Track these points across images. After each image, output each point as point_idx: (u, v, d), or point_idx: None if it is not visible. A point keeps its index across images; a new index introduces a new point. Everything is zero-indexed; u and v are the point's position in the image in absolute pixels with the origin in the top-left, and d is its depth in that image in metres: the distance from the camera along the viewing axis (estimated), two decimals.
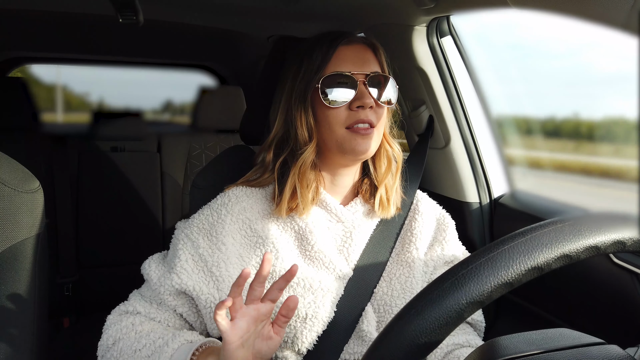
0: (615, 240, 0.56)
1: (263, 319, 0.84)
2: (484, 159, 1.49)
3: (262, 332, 0.85)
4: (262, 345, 0.84)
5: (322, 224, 1.05)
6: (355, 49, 1.03)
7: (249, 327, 0.82)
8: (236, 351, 0.80)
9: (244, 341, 0.82)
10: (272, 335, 0.85)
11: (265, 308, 0.84)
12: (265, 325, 0.85)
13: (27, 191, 1.04)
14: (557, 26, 0.98)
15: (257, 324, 0.83)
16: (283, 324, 0.85)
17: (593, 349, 0.61)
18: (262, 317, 0.84)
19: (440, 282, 0.55)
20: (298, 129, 1.02)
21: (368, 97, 0.98)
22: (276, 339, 0.85)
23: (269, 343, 0.85)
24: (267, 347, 0.84)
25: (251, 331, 0.83)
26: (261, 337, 0.85)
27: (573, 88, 2.65)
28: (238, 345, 0.80)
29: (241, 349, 0.81)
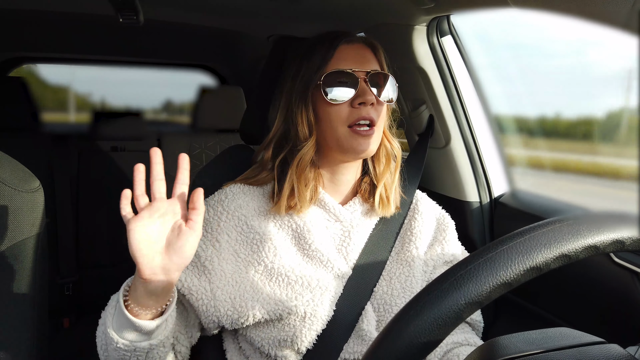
0: (614, 239, 0.56)
1: (170, 213, 0.82)
2: (484, 158, 1.49)
3: (173, 226, 0.83)
4: (172, 238, 0.82)
5: (320, 223, 1.05)
6: (356, 47, 1.04)
7: (152, 218, 0.80)
8: (140, 241, 0.79)
9: (148, 232, 0.80)
10: (183, 228, 0.82)
11: (169, 203, 0.83)
12: (177, 221, 0.83)
13: (27, 191, 1.04)
14: (557, 26, 0.98)
15: (164, 217, 0.82)
16: (195, 217, 0.82)
17: (593, 348, 0.61)
18: (168, 212, 0.82)
19: (439, 282, 0.55)
20: (298, 126, 1.02)
21: (369, 94, 0.99)
22: (187, 233, 0.82)
23: (181, 237, 0.81)
24: (177, 240, 0.81)
25: (156, 222, 0.81)
26: (171, 230, 0.82)
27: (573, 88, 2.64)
28: (142, 235, 0.79)
29: (145, 239, 0.79)
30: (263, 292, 0.98)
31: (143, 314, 0.84)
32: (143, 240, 0.80)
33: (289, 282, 0.99)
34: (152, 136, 2.62)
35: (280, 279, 0.99)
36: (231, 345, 1.07)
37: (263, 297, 0.97)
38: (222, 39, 2.48)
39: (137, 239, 0.79)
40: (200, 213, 0.83)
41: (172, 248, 0.81)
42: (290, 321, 0.97)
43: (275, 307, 0.96)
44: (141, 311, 0.83)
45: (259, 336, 0.99)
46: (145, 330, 0.84)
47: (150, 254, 0.80)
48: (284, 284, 0.99)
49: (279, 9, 1.50)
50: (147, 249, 0.80)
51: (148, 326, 0.84)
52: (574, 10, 0.86)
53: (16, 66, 3.13)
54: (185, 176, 0.86)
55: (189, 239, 0.82)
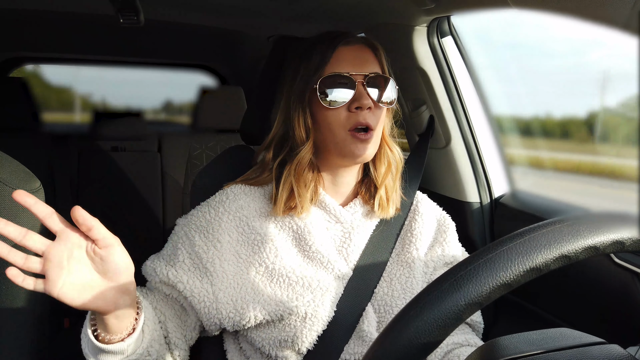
0: (614, 240, 0.56)
1: (75, 248, 0.74)
2: (485, 158, 1.49)
3: (88, 255, 0.75)
4: (100, 266, 0.75)
5: (320, 225, 1.05)
6: (355, 49, 1.03)
7: (66, 268, 0.72)
8: (77, 297, 0.73)
9: (77, 284, 0.73)
10: (97, 250, 0.74)
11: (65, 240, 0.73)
12: (87, 248, 0.75)
13: (27, 191, 1.04)
14: (557, 26, 0.98)
15: (73, 257, 0.73)
16: (96, 235, 0.73)
17: (594, 349, 0.61)
18: (74, 246, 0.74)
19: (439, 283, 0.55)
20: (295, 129, 1.02)
21: (366, 98, 0.98)
22: (105, 251, 0.74)
23: (105, 260, 0.74)
24: (106, 265, 0.75)
25: (73, 268, 0.73)
26: (91, 260, 0.75)
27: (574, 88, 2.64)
28: (73, 291, 0.73)
29: (80, 292, 0.73)
30: (264, 293, 0.98)
31: (115, 337, 0.82)
32: (80, 294, 0.73)
33: (290, 283, 0.99)
34: (153, 136, 2.63)
35: (281, 280, 0.99)
36: (232, 346, 1.07)
37: (264, 299, 0.97)
38: (223, 39, 2.48)
39: (72, 297, 0.73)
40: (96, 228, 0.73)
41: (107, 275, 0.76)
42: (291, 322, 0.97)
43: (276, 308, 0.96)
44: (111, 336, 0.81)
45: (260, 337, 0.99)
46: (120, 351, 0.83)
47: (98, 298, 0.75)
48: (284, 284, 0.99)
49: (279, 8, 1.50)
50: (90, 297, 0.74)
51: (120, 348, 0.82)
52: (574, 11, 0.86)
53: (17, 66, 3.13)
54: (42, 209, 0.74)
55: (112, 256, 0.75)
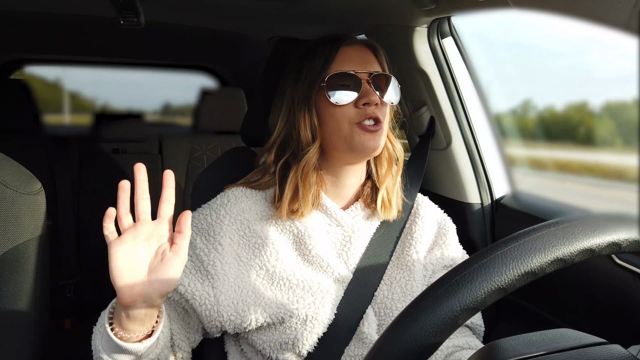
0: (610, 242, 0.55)
1: (155, 237, 0.79)
2: (485, 159, 1.49)
3: (157, 251, 0.79)
4: (156, 265, 0.79)
5: (321, 228, 1.05)
6: (357, 49, 1.04)
7: (136, 242, 0.77)
8: (121, 267, 0.76)
9: (131, 257, 0.77)
10: (167, 254, 0.78)
11: (155, 225, 0.79)
12: (161, 245, 0.80)
13: (29, 193, 1.04)
14: (557, 26, 0.98)
15: (148, 241, 0.79)
16: (180, 241, 0.79)
17: (595, 349, 0.60)
18: (153, 235, 0.79)
19: (434, 288, 0.55)
20: (301, 130, 1.02)
21: (373, 95, 0.99)
22: (172, 259, 0.78)
23: (163, 262, 0.78)
24: (160, 267, 0.78)
25: (140, 247, 0.78)
26: (155, 255, 0.79)
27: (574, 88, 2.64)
28: (124, 260, 0.76)
29: (127, 265, 0.77)
30: (265, 296, 0.98)
31: (131, 337, 0.82)
32: (125, 267, 0.77)
33: (290, 286, 0.99)
34: (154, 138, 2.63)
35: (282, 283, 0.99)
36: (233, 348, 1.07)
37: (265, 301, 0.97)
38: (223, 40, 2.48)
39: (118, 264, 0.76)
40: (186, 237, 0.79)
41: (154, 275, 0.78)
42: (291, 324, 0.97)
43: (277, 311, 0.96)
44: (128, 335, 0.81)
45: (261, 339, 0.99)
46: (135, 352, 0.82)
47: (132, 281, 0.77)
48: (285, 287, 0.99)
49: (279, 11, 1.50)
50: (128, 275, 0.77)
51: (137, 349, 0.82)
52: (574, 11, 0.86)
53: (17, 68, 3.13)
54: (171, 194, 0.81)
55: (173, 265, 0.78)
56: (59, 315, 2.41)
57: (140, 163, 0.80)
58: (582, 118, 2.57)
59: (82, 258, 2.42)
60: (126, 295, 0.77)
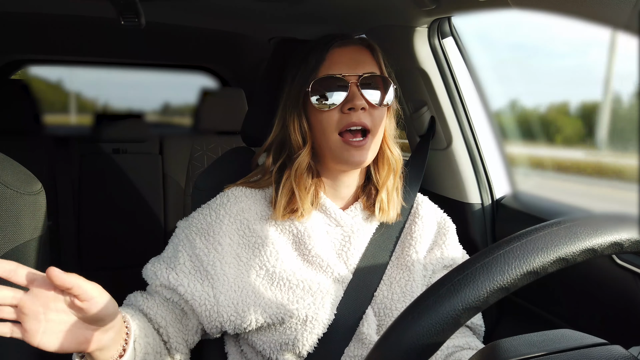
0: (612, 242, 0.55)
1: (51, 302, 0.71)
2: (486, 159, 1.49)
3: (68, 305, 0.72)
4: (80, 317, 0.73)
5: (321, 228, 1.05)
6: (350, 50, 1.02)
7: (47, 317, 0.71)
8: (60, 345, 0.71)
9: (59, 331, 0.72)
10: (77, 302, 0.70)
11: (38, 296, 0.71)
12: (65, 300, 0.72)
13: (29, 193, 1.04)
14: (558, 26, 0.98)
15: (52, 310, 0.71)
16: (78, 292, 0.69)
17: (596, 350, 0.60)
18: (47, 303, 0.71)
19: (436, 288, 0.55)
20: (292, 134, 1.02)
21: (359, 99, 0.97)
22: (88, 305, 0.71)
23: (85, 310, 0.71)
24: (88, 314, 0.72)
25: (52, 319, 0.71)
26: (73, 309, 0.73)
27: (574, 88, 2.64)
28: (54, 341, 0.71)
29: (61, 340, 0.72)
30: (265, 296, 0.98)
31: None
32: (62, 342, 0.72)
33: (290, 287, 0.99)
34: (154, 138, 2.63)
35: (282, 283, 0.99)
36: (232, 349, 1.07)
37: (265, 302, 0.97)
38: (224, 41, 2.48)
39: (53, 345, 0.71)
40: (76, 285, 0.69)
41: (90, 321, 0.74)
42: (291, 325, 0.97)
43: (277, 311, 0.96)
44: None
45: (261, 340, 0.99)
46: None
47: (81, 342, 0.74)
48: (285, 288, 0.99)
49: (280, 11, 1.51)
50: (72, 342, 0.73)
51: None
52: (574, 11, 0.86)
53: (18, 69, 3.13)
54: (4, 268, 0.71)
55: (95, 307, 0.71)
56: None
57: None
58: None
59: (83, 259, 2.42)
60: (87, 350, 0.75)
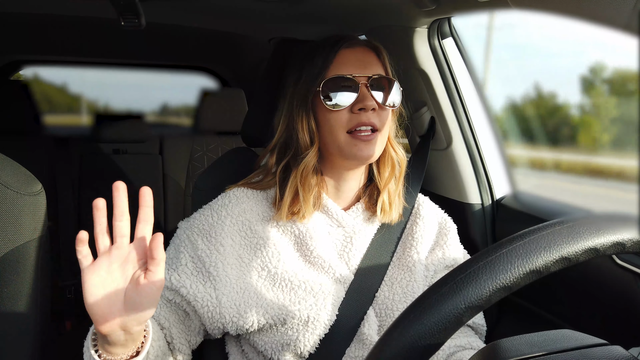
0: (614, 241, 0.55)
1: (130, 262, 0.74)
2: (486, 160, 1.49)
3: (132, 277, 0.75)
4: (131, 293, 0.74)
5: (322, 229, 1.05)
6: (357, 51, 1.02)
7: (111, 268, 0.73)
8: (96, 295, 0.73)
9: (105, 285, 0.73)
10: (142, 281, 0.73)
11: (131, 248, 0.74)
12: (137, 271, 0.75)
13: (29, 194, 1.04)
14: (558, 27, 0.98)
15: (124, 267, 0.74)
16: (154, 267, 0.73)
17: (596, 350, 0.60)
18: (129, 260, 0.74)
19: (439, 286, 0.55)
20: (299, 133, 1.01)
21: (370, 100, 0.98)
22: (146, 287, 0.73)
23: (139, 289, 0.73)
24: (136, 294, 0.73)
25: (115, 273, 0.74)
26: (130, 282, 0.74)
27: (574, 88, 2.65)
28: (99, 288, 0.73)
29: (102, 294, 0.73)
30: (267, 297, 0.98)
31: (117, 358, 0.80)
32: (100, 295, 0.73)
33: (292, 287, 0.98)
34: (154, 139, 2.63)
35: (284, 284, 0.99)
36: (234, 349, 1.07)
37: (267, 303, 0.97)
38: (224, 41, 2.48)
39: (93, 292, 0.73)
40: (159, 263, 0.73)
41: (130, 304, 0.74)
42: (293, 325, 0.97)
43: (279, 312, 0.96)
44: (113, 358, 0.79)
45: (262, 340, 0.99)
46: None
47: (106, 310, 0.73)
48: (287, 289, 0.99)
49: (280, 11, 1.50)
50: (103, 304, 0.73)
51: None
52: (574, 11, 0.86)
53: (18, 69, 3.14)
54: (149, 214, 0.76)
55: (148, 294, 0.73)
56: (60, 316, 2.41)
57: (119, 182, 0.75)
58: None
59: None
60: (103, 325, 0.74)
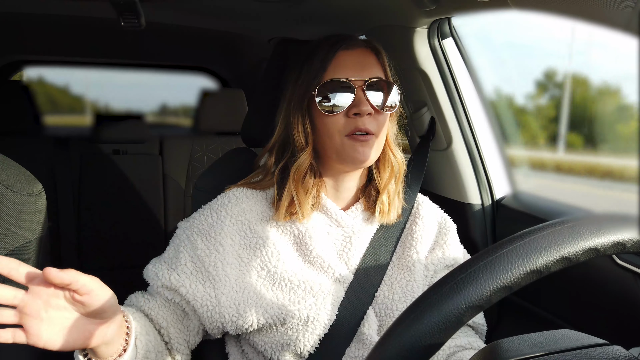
0: (615, 241, 0.55)
1: (52, 298, 0.72)
2: (486, 160, 1.49)
3: (69, 301, 0.72)
4: (82, 311, 0.73)
5: (322, 229, 1.05)
6: (356, 53, 1.01)
7: (48, 309, 0.71)
8: (64, 342, 0.72)
9: (61, 327, 0.72)
10: (77, 297, 0.71)
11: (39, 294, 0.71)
12: (65, 295, 0.72)
13: (29, 194, 1.04)
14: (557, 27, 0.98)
15: (52, 308, 0.72)
16: (76, 286, 0.70)
17: (596, 350, 0.60)
18: (49, 300, 0.72)
19: (439, 286, 0.55)
20: (295, 135, 1.01)
21: (365, 104, 0.97)
22: (88, 300, 0.71)
23: (88, 305, 0.72)
24: (91, 307, 0.72)
25: (54, 316, 0.71)
26: (73, 305, 0.73)
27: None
28: (57, 335, 0.71)
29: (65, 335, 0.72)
30: (266, 297, 0.98)
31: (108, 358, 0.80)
32: (66, 339, 0.72)
33: (292, 287, 0.98)
34: (154, 139, 2.63)
35: (283, 284, 0.99)
36: (234, 349, 1.07)
37: (266, 302, 0.97)
38: (224, 41, 2.48)
39: (59, 344, 0.72)
40: (74, 280, 0.69)
41: (91, 315, 0.74)
42: (292, 325, 0.97)
43: (279, 312, 0.96)
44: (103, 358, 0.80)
45: (262, 340, 0.99)
46: None
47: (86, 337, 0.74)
48: (286, 288, 0.99)
49: (280, 11, 1.50)
50: (77, 338, 0.73)
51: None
52: (574, 12, 0.86)
53: (18, 69, 3.14)
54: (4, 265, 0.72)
55: (94, 299, 0.72)
56: None
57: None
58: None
59: (83, 259, 2.42)
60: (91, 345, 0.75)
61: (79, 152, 2.48)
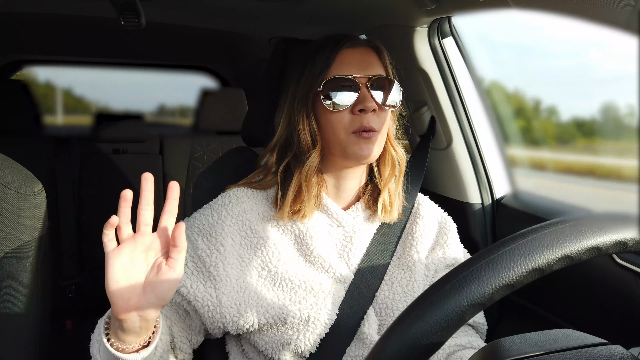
0: (616, 240, 0.56)
1: (153, 249, 0.79)
2: (486, 159, 1.49)
3: (154, 263, 0.79)
4: (152, 278, 0.78)
5: (322, 229, 1.05)
6: (359, 52, 1.02)
7: (134, 253, 0.77)
8: (118, 278, 0.75)
9: (128, 269, 0.76)
10: (163, 268, 0.77)
11: (154, 237, 0.79)
12: (159, 258, 0.79)
13: (29, 194, 1.04)
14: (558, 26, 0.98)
15: (146, 253, 0.78)
16: (176, 255, 0.78)
17: (596, 350, 0.60)
18: (152, 247, 0.78)
19: (441, 284, 0.55)
20: (301, 133, 1.01)
21: (370, 101, 0.98)
22: (167, 273, 0.77)
23: (160, 276, 0.77)
24: (157, 280, 0.77)
25: (137, 259, 0.77)
26: (151, 268, 0.78)
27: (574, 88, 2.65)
28: (121, 272, 0.75)
29: (124, 277, 0.76)
30: (267, 297, 0.98)
31: (127, 347, 0.81)
32: (122, 278, 0.76)
33: (292, 287, 0.99)
34: (154, 139, 2.63)
35: (284, 284, 0.99)
36: (234, 348, 1.07)
37: (267, 302, 0.97)
38: (224, 41, 2.49)
39: (115, 275, 0.75)
40: (181, 251, 0.78)
41: (150, 288, 0.77)
42: (293, 325, 0.97)
43: (279, 312, 0.96)
44: (124, 346, 0.81)
45: (263, 340, 0.99)
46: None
47: (127, 294, 0.76)
48: (287, 288, 0.99)
49: (280, 11, 1.50)
50: (124, 288, 0.76)
51: (135, 359, 0.81)
52: (574, 11, 0.86)
53: (18, 69, 3.14)
54: (174, 206, 0.80)
55: (169, 279, 0.77)
56: (60, 316, 2.41)
57: (148, 173, 0.80)
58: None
59: (83, 258, 2.42)
60: (121, 308, 0.76)
61: (79, 151, 2.48)
